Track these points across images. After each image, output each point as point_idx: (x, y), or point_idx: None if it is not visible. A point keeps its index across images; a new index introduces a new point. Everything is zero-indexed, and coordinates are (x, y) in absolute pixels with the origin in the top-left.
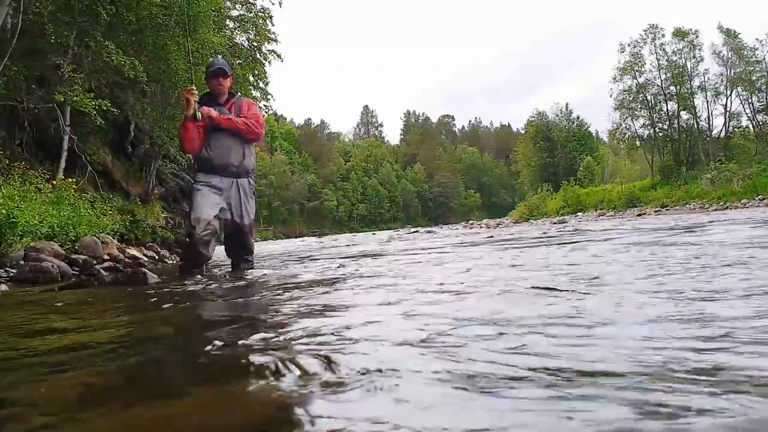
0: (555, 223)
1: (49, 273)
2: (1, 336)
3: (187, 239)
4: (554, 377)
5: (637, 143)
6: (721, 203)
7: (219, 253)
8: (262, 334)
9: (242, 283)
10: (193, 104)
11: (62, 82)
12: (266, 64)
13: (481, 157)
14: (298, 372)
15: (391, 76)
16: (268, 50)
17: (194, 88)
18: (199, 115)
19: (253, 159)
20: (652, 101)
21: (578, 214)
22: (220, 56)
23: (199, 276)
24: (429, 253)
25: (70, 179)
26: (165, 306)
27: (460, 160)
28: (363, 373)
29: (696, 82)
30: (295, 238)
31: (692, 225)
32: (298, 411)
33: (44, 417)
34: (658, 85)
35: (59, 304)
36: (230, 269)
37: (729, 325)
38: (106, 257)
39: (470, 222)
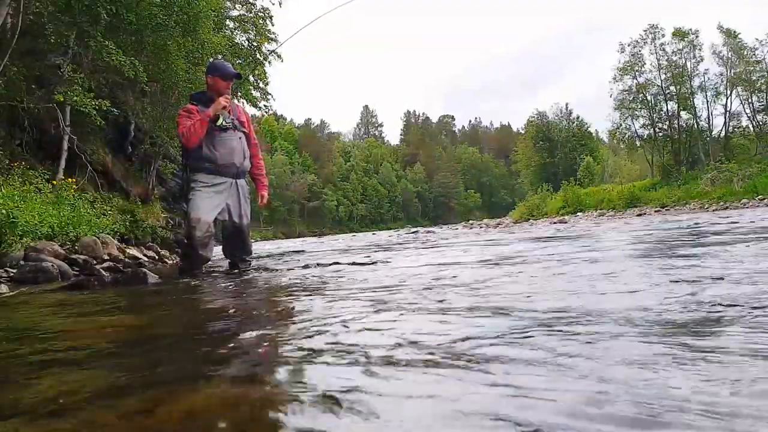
0: (554, 222)
1: (49, 273)
2: (2, 336)
3: (186, 240)
4: None
5: (637, 143)
6: (721, 203)
7: (217, 253)
8: (260, 334)
9: (240, 283)
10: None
11: (62, 82)
12: (266, 64)
13: (481, 157)
14: (293, 374)
15: (391, 76)
16: (268, 50)
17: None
18: (220, 121)
19: (249, 161)
20: (652, 101)
21: (578, 214)
22: (219, 56)
23: (198, 276)
24: None
25: (70, 179)
26: (165, 306)
27: (460, 160)
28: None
29: (696, 82)
30: (296, 238)
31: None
32: (294, 415)
33: (44, 416)
34: (658, 85)
35: (59, 304)
36: (228, 269)
37: None
38: (106, 257)
39: (470, 222)
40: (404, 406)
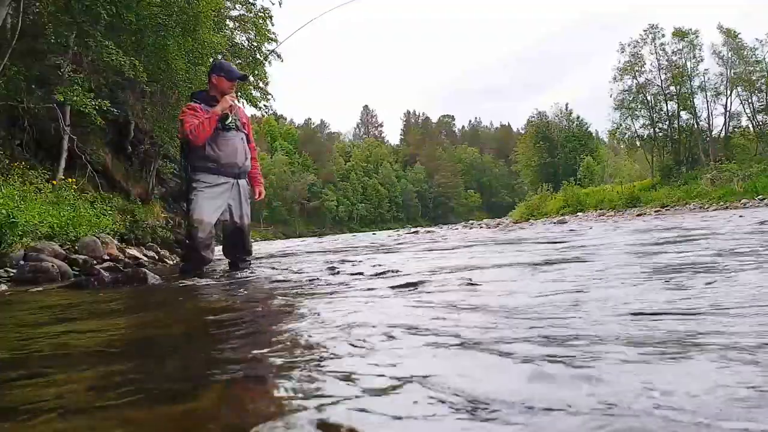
0: (555, 222)
1: (49, 273)
2: (2, 336)
3: (188, 241)
4: None
5: (637, 143)
6: (722, 203)
7: (217, 252)
8: (258, 334)
9: (241, 283)
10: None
11: (62, 82)
12: (266, 64)
13: (481, 157)
14: (288, 374)
15: (391, 76)
16: (268, 50)
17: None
18: (229, 120)
19: (249, 162)
20: (652, 101)
21: (578, 214)
22: (219, 56)
23: (198, 276)
24: None
25: (70, 179)
26: (165, 306)
27: (460, 160)
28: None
29: (696, 82)
30: (295, 238)
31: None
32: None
33: (43, 414)
34: (658, 85)
35: (59, 304)
36: (228, 269)
37: None
38: (106, 257)
39: (470, 222)
40: None
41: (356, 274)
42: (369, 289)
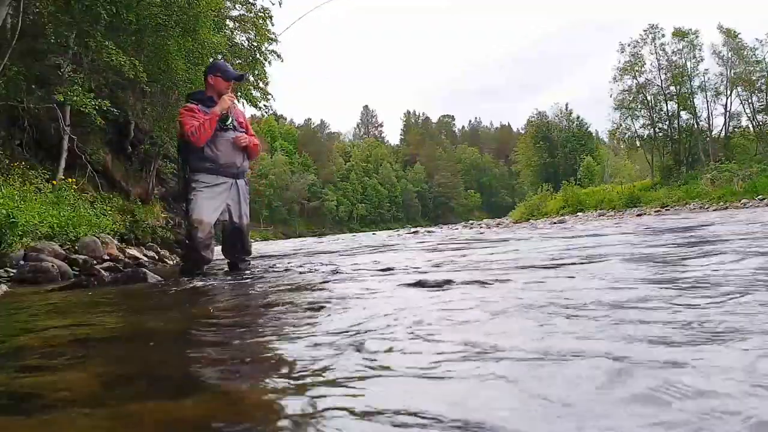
0: (554, 222)
1: (49, 273)
2: (2, 335)
3: (187, 241)
4: None
5: (637, 143)
6: (722, 203)
7: (217, 253)
8: (258, 334)
9: (240, 283)
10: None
11: (62, 82)
12: (266, 64)
13: (481, 157)
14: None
15: (391, 76)
16: (268, 50)
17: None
18: (229, 120)
19: (248, 162)
20: (652, 101)
21: (578, 214)
22: (219, 56)
23: (198, 276)
24: None
25: (70, 179)
26: (165, 306)
27: (460, 160)
28: None
29: (696, 82)
30: (295, 238)
31: None
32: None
33: (42, 413)
34: (658, 85)
35: (59, 304)
36: (228, 269)
37: None
38: (106, 257)
39: (470, 222)
40: None
41: (348, 273)
42: (364, 288)
